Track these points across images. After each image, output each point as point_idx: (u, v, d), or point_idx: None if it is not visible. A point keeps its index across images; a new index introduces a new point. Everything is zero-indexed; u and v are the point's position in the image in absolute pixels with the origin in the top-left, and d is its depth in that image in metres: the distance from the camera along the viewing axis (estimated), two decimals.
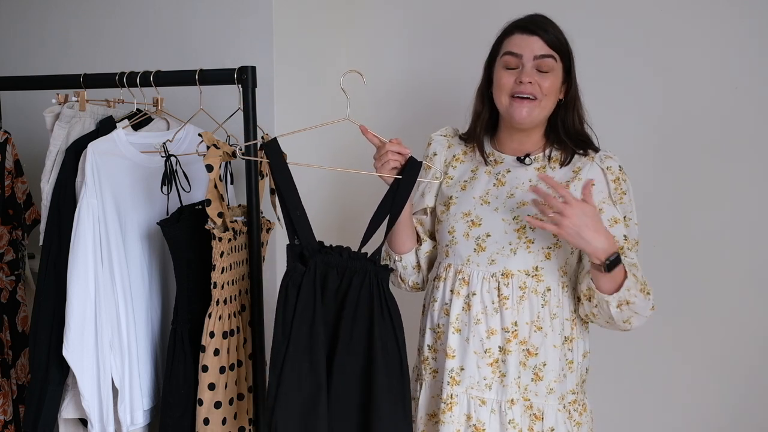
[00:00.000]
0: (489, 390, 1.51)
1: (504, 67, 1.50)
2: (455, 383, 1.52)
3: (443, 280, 1.56)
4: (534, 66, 1.46)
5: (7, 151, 1.94)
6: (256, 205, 1.62)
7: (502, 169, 1.57)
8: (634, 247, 1.50)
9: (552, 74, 1.47)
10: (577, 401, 1.55)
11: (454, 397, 1.52)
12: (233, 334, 1.60)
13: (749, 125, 1.89)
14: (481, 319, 1.50)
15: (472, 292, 1.51)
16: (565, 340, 1.52)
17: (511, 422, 1.50)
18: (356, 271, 1.45)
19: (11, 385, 2.00)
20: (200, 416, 1.56)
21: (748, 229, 1.92)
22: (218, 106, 1.73)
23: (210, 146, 1.51)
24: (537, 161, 1.55)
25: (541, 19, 1.50)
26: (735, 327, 1.96)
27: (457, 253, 1.55)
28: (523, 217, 1.49)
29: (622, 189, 1.51)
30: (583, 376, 1.58)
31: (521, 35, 1.48)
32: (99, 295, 1.58)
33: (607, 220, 1.48)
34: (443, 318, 1.56)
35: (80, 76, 1.68)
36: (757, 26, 1.85)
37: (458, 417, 1.52)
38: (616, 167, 1.51)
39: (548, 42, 1.46)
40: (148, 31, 2.20)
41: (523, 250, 1.49)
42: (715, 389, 2.00)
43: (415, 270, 1.67)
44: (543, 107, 1.49)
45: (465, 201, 1.57)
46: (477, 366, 1.51)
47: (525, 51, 1.47)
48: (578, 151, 1.53)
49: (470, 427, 1.52)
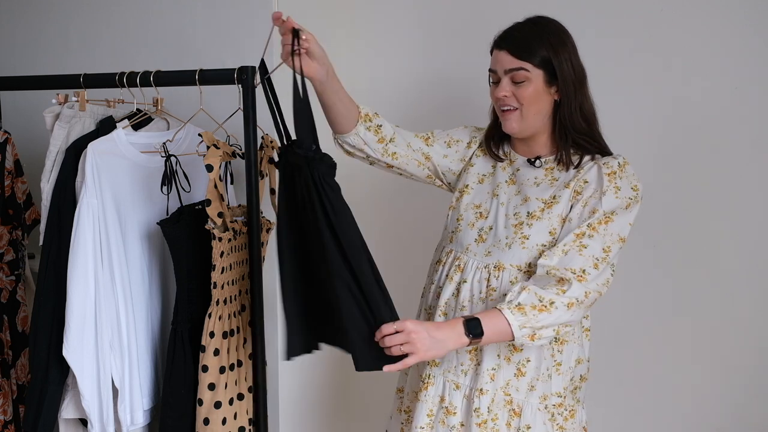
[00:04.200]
0: (464, 376, 1.55)
1: (492, 83, 1.55)
2: (434, 364, 1.58)
3: (443, 264, 1.62)
4: (509, 78, 1.49)
5: (7, 151, 1.94)
6: (256, 205, 1.62)
7: (515, 168, 1.60)
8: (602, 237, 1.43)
9: (528, 83, 1.47)
10: (564, 405, 1.54)
11: (431, 378, 1.58)
12: (233, 334, 1.60)
13: (749, 125, 1.89)
14: (467, 306, 1.53)
15: (464, 280, 1.55)
16: (555, 340, 1.51)
17: (476, 410, 1.51)
18: (298, 168, 1.41)
19: (11, 385, 2.00)
20: (200, 416, 1.56)
21: (749, 229, 1.92)
22: (218, 106, 1.73)
23: (210, 146, 1.51)
24: (548, 163, 1.56)
25: (516, 29, 1.50)
26: (735, 327, 1.96)
27: (460, 240, 1.59)
28: (522, 213, 1.51)
29: (616, 184, 1.46)
30: (575, 382, 1.56)
31: (495, 51, 1.52)
32: (99, 295, 1.58)
33: (588, 210, 1.45)
34: (435, 300, 1.61)
35: (80, 76, 1.67)
36: (758, 26, 1.85)
37: (433, 397, 1.57)
38: (615, 164, 1.47)
39: (516, 55, 1.47)
40: (148, 31, 2.20)
41: (518, 245, 1.50)
42: (715, 390, 2.00)
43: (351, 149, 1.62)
44: (527, 115, 1.50)
45: (479, 193, 1.61)
46: (456, 351, 1.53)
47: (497, 66, 1.51)
48: (587, 155, 1.51)
49: (442, 408, 1.56)
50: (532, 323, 1.37)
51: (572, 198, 1.49)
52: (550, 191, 1.51)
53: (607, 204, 1.45)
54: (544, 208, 1.50)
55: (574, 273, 1.40)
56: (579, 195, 1.48)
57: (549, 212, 1.49)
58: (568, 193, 1.49)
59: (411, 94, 2.28)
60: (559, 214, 1.49)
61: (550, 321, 1.38)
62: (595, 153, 1.52)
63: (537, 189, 1.53)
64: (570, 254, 1.42)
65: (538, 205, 1.51)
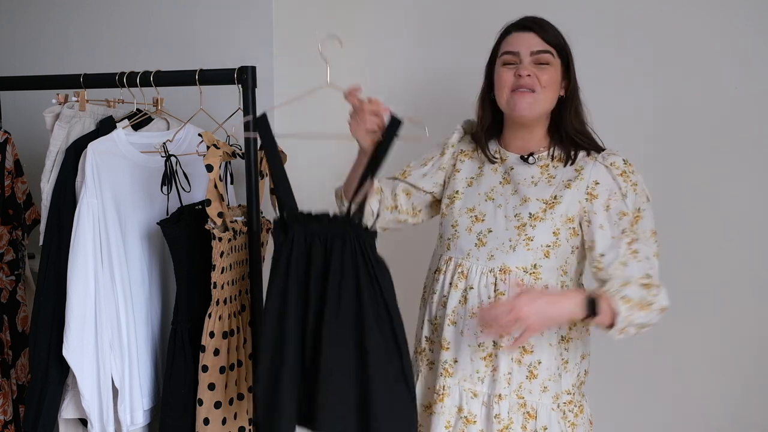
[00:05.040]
0: (481, 383, 1.52)
1: (503, 65, 1.52)
2: (448, 375, 1.54)
3: (443, 273, 1.58)
4: (532, 61, 1.49)
5: (7, 151, 1.94)
6: (256, 205, 1.62)
7: (507, 167, 1.58)
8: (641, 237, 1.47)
9: (550, 67, 1.49)
10: (573, 402, 1.55)
11: (447, 389, 1.54)
12: (233, 334, 1.61)
13: (750, 125, 1.89)
14: (477, 313, 1.51)
15: (470, 286, 1.53)
16: (562, 339, 1.52)
17: (497, 417, 1.51)
18: (336, 236, 1.40)
19: (11, 385, 2.00)
20: (200, 416, 1.56)
21: (749, 229, 1.92)
22: (218, 106, 1.73)
23: (210, 146, 1.51)
24: (541, 160, 1.55)
25: (537, 18, 1.53)
26: (735, 327, 1.96)
27: (459, 246, 1.56)
28: (524, 215, 1.50)
29: (632, 181, 1.48)
30: (581, 377, 1.58)
31: (518, 33, 1.51)
32: (99, 295, 1.58)
33: (616, 213, 1.47)
34: (441, 310, 1.57)
35: (80, 76, 1.68)
36: (758, 26, 1.85)
37: (449, 408, 1.54)
38: (620, 161, 1.50)
39: (544, 38, 1.49)
40: (148, 31, 2.20)
41: (522, 247, 1.50)
42: (715, 389, 2.00)
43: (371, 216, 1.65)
44: (543, 100, 1.50)
45: (470, 197, 1.59)
46: (470, 359, 1.52)
47: (522, 48, 1.49)
48: (581, 150, 1.53)
49: (461, 419, 1.53)
50: (632, 318, 1.38)
51: (587, 201, 1.49)
52: (549, 190, 1.51)
53: (631, 204, 1.47)
54: (546, 208, 1.50)
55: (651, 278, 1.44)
56: (595, 198, 1.48)
57: (552, 213, 1.49)
58: (571, 194, 1.49)
59: (399, 94, 2.27)
60: (562, 214, 1.49)
61: (643, 321, 1.40)
62: (589, 149, 1.53)
63: (536, 189, 1.52)
64: (630, 264, 1.45)
65: (539, 206, 1.50)
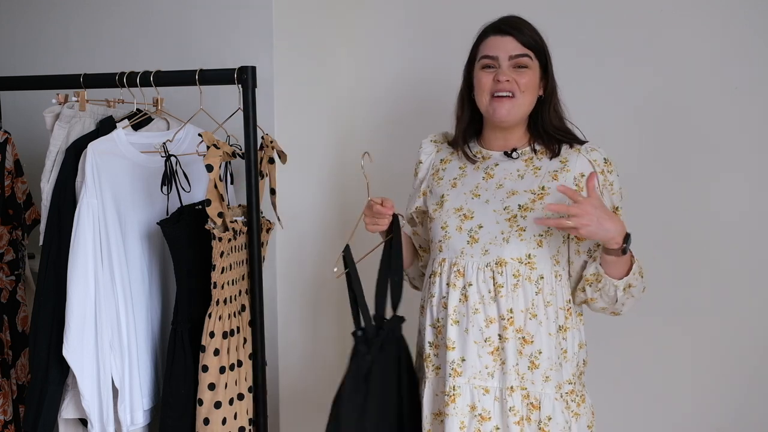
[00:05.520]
0: (492, 378, 1.52)
1: (482, 68, 1.55)
2: (457, 374, 1.53)
3: (439, 275, 1.58)
4: (510, 65, 1.52)
5: (7, 151, 1.94)
6: (256, 205, 1.62)
7: (491, 163, 1.61)
8: None
9: (529, 70, 1.52)
10: (575, 392, 1.56)
11: (457, 389, 1.53)
12: (233, 334, 1.60)
13: (749, 125, 1.89)
14: (479, 308, 1.52)
15: (468, 283, 1.53)
16: (560, 329, 1.53)
17: (511, 409, 1.51)
18: (394, 342, 1.61)
19: (11, 385, 2.00)
20: (200, 416, 1.56)
21: (749, 229, 1.92)
22: (218, 106, 1.73)
23: (210, 146, 1.51)
24: (524, 154, 1.59)
25: (514, 19, 1.55)
26: (735, 327, 1.96)
27: (451, 246, 1.57)
28: (513, 207, 1.53)
29: (609, 180, 1.55)
30: (580, 367, 1.59)
31: (495, 37, 1.54)
32: (99, 295, 1.58)
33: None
34: (442, 312, 1.57)
35: (80, 76, 1.68)
36: (758, 26, 1.85)
37: (462, 408, 1.53)
38: (601, 159, 1.55)
39: (522, 42, 1.52)
40: (148, 31, 2.20)
41: (516, 238, 1.51)
42: (715, 390, 2.00)
43: (421, 277, 1.79)
44: (522, 104, 1.53)
45: (456, 197, 1.60)
46: (478, 355, 1.52)
47: (500, 52, 1.52)
48: (564, 144, 1.57)
49: (475, 416, 1.52)
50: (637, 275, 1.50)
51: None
52: (536, 182, 1.54)
53: (608, 201, 1.54)
54: (535, 199, 1.52)
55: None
56: (582, 191, 1.51)
57: (541, 203, 1.52)
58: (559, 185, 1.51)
59: (399, 94, 2.28)
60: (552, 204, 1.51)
61: (638, 285, 1.52)
62: (571, 142, 1.57)
63: (523, 181, 1.55)
64: None
65: (528, 197, 1.53)
